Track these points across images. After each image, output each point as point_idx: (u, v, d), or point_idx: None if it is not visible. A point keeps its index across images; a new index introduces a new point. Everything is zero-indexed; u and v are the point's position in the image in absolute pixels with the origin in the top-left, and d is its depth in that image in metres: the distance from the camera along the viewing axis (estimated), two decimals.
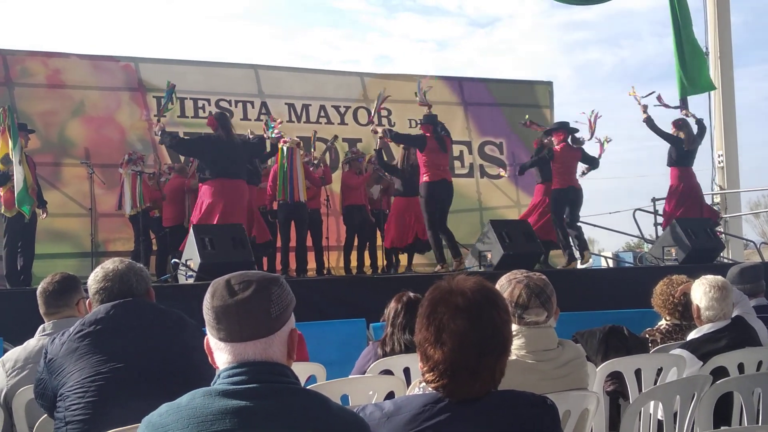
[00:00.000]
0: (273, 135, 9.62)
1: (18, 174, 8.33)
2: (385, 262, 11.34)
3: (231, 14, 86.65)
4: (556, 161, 10.07)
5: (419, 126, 9.86)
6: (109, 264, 3.01)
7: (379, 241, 11.26)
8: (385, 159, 11.28)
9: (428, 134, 9.43)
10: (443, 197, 9.43)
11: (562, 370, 2.71)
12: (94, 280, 2.97)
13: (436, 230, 9.47)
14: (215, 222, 8.31)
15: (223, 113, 9.52)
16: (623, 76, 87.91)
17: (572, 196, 10.17)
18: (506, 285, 2.78)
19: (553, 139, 10.26)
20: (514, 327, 2.70)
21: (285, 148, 9.74)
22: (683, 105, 12.55)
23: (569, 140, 10.21)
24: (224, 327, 1.85)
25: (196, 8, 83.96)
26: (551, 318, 2.77)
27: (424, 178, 9.35)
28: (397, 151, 12.41)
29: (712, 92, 13.59)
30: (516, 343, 2.68)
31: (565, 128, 10.32)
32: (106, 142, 11.92)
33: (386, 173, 11.10)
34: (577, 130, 10.32)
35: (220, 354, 1.88)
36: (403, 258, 11.30)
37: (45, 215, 9.31)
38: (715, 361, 3.59)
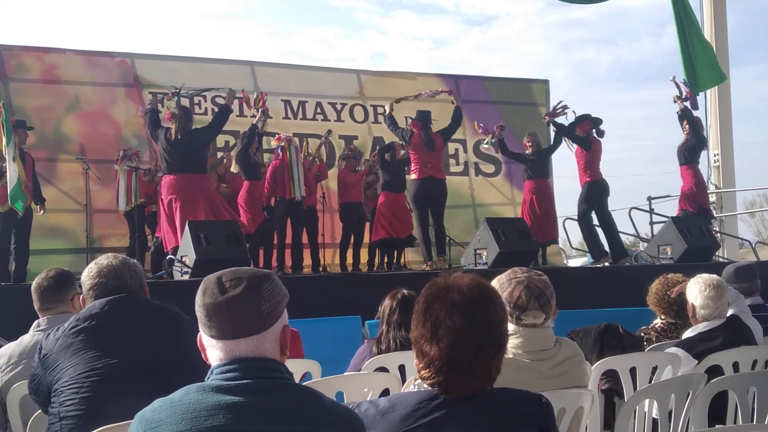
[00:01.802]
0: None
1: (11, 171, 8.32)
2: (386, 259, 11.31)
3: (226, 12, 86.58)
4: (590, 152, 10.03)
5: (411, 122, 9.86)
6: (103, 260, 3.01)
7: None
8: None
9: (416, 130, 9.45)
10: (432, 194, 9.41)
11: (558, 369, 2.70)
12: (88, 275, 2.97)
13: (425, 227, 9.47)
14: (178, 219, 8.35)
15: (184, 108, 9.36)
16: (620, 75, 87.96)
17: (606, 190, 10.21)
18: (506, 284, 2.76)
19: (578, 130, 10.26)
20: (512, 327, 2.69)
21: (293, 148, 9.75)
22: (693, 102, 12.55)
23: (594, 132, 10.20)
24: (216, 324, 1.85)
25: (191, 5, 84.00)
26: (549, 319, 2.75)
27: (412, 175, 9.44)
28: None
29: (708, 92, 13.60)
30: (513, 342, 2.67)
31: (590, 119, 10.30)
32: (102, 138, 11.88)
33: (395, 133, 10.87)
34: (601, 121, 10.29)
35: (213, 351, 1.87)
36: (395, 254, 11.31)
37: (42, 212, 9.31)
38: (710, 360, 3.60)
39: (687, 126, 10.70)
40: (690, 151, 10.73)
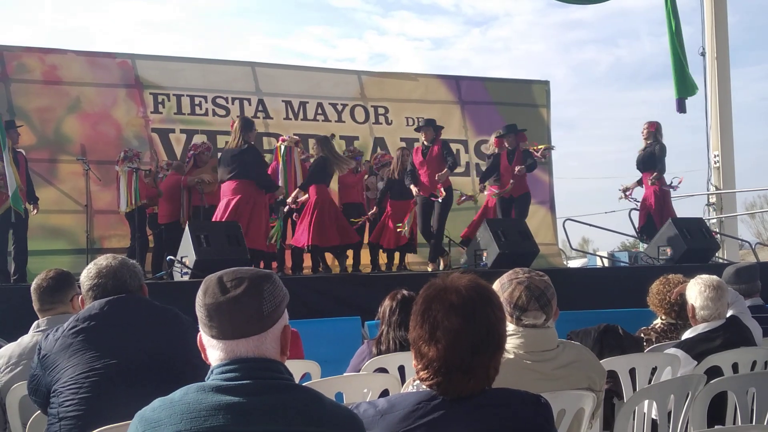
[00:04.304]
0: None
1: (9, 174, 8.36)
2: (386, 261, 11.30)
3: (225, 12, 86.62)
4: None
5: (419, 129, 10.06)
6: (102, 260, 3.01)
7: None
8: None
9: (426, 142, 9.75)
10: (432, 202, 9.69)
11: (561, 371, 2.69)
12: (87, 276, 2.97)
13: (428, 232, 9.74)
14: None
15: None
16: (620, 75, 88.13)
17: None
18: (507, 284, 2.76)
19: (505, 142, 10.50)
20: (512, 327, 2.70)
21: (283, 147, 9.77)
22: (680, 106, 12.64)
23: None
24: (216, 324, 1.85)
25: (190, 5, 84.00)
26: (550, 320, 2.75)
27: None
28: (392, 146, 12.47)
29: (708, 92, 13.64)
30: (515, 342, 2.67)
31: (514, 132, 10.55)
32: (103, 139, 11.88)
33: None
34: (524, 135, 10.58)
35: (213, 351, 1.87)
36: (397, 256, 11.30)
37: (35, 211, 9.32)
38: (710, 361, 3.60)
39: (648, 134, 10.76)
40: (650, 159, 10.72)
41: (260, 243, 8.94)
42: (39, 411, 2.88)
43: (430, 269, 9.68)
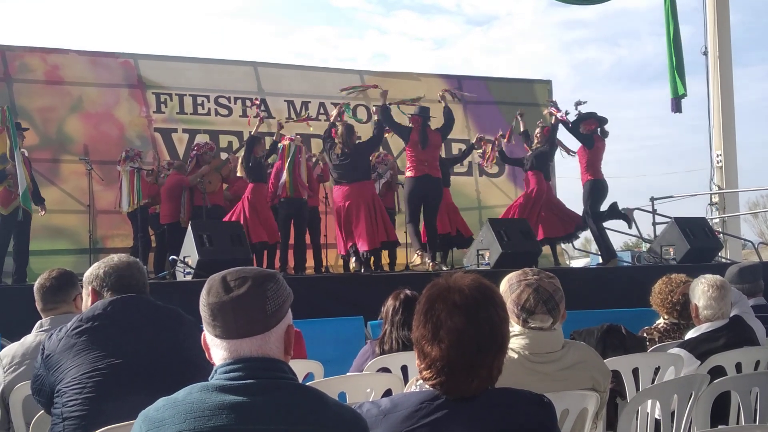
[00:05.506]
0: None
1: (21, 173, 8.42)
2: (388, 261, 11.23)
3: (226, 12, 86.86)
4: (592, 150, 9.94)
5: (410, 118, 9.76)
6: (115, 258, 3.02)
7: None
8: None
9: (414, 126, 9.42)
10: (426, 192, 9.36)
11: (565, 373, 2.68)
12: (95, 275, 2.96)
13: (416, 224, 9.50)
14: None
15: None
16: (621, 74, 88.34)
17: (606, 190, 10.09)
18: (516, 285, 2.74)
19: (582, 126, 10.11)
20: (518, 328, 2.69)
21: (293, 146, 9.76)
22: (676, 105, 12.62)
23: (599, 131, 10.10)
24: (220, 324, 1.85)
25: (191, 5, 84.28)
26: (557, 323, 2.74)
27: (407, 173, 9.41)
28: (395, 144, 12.40)
29: (711, 92, 13.64)
30: (519, 342, 2.67)
31: (595, 117, 10.18)
32: (105, 139, 11.90)
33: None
34: (606, 121, 10.18)
35: (217, 350, 1.88)
36: (401, 255, 11.25)
37: (43, 212, 9.34)
38: (713, 361, 3.59)
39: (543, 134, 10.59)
40: (539, 158, 10.60)
41: (387, 234, 9.46)
42: (42, 411, 2.87)
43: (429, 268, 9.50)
